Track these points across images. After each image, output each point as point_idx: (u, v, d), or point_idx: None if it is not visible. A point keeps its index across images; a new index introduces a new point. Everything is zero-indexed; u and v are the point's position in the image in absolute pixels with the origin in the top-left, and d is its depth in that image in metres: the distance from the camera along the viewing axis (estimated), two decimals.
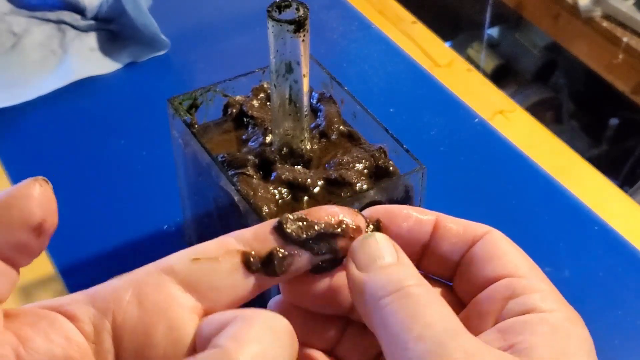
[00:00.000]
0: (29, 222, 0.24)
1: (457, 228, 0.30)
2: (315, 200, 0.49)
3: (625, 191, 1.01)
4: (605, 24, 1.19)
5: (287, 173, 0.50)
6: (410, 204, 0.51)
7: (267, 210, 0.48)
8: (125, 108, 0.77)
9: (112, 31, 0.84)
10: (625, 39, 1.16)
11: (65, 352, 0.25)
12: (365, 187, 0.49)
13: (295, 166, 0.51)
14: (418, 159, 0.50)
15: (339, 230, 0.29)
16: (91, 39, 0.83)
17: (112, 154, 0.72)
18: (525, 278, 0.28)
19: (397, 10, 0.92)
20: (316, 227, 0.29)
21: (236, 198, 0.48)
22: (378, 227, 0.30)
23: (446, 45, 0.89)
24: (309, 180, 0.50)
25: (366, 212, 0.31)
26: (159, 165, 0.70)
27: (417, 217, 0.31)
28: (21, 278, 0.65)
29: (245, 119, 0.55)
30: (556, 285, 0.67)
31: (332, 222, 0.29)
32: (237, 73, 0.57)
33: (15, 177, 0.70)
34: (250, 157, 0.51)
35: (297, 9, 0.46)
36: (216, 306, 0.27)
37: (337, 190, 0.49)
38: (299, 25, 0.45)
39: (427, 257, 0.31)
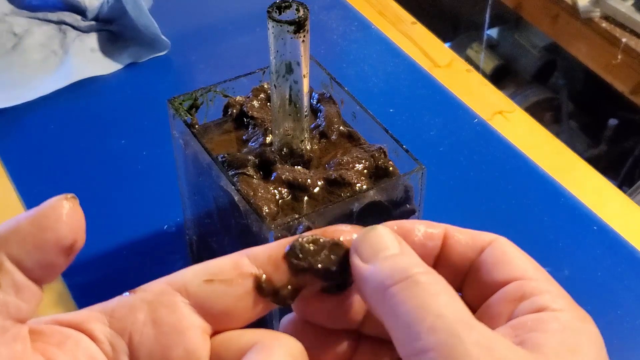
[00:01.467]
0: (61, 244, 0.25)
1: (465, 238, 0.31)
2: (315, 200, 0.50)
3: (624, 191, 1.01)
4: (604, 24, 1.19)
5: (287, 173, 0.50)
6: (410, 204, 0.51)
7: (267, 210, 0.48)
8: (125, 108, 0.77)
9: (113, 32, 0.84)
10: (624, 40, 1.16)
11: None
12: (365, 187, 0.50)
13: (296, 166, 0.51)
14: (418, 159, 0.50)
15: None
16: (92, 39, 0.83)
17: (112, 154, 0.72)
18: (534, 280, 0.29)
19: (397, 11, 0.92)
20: (327, 254, 0.28)
21: (236, 198, 0.48)
22: None
23: (446, 46, 0.89)
24: (309, 180, 0.50)
25: None
26: (160, 166, 0.70)
27: (427, 231, 0.31)
28: None
29: (245, 120, 0.55)
30: None
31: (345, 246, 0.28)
32: (237, 73, 0.57)
33: (17, 177, 0.70)
34: (250, 157, 0.51)
35: (297, 10, 0.46)
36: (225, 328, 0.27)
37: (337, 190, 0.50)
38: (299, 26, 0.46)
39: (437, 269, 0.31)
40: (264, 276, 0.27)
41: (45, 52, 0.82)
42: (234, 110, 0.56)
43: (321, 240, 0.28)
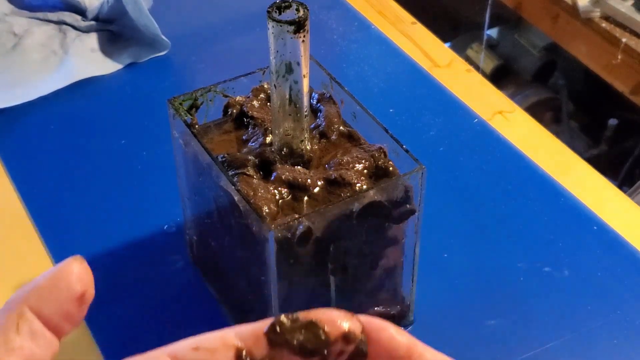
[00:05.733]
0: (73, 293, 0.29)
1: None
2: (315, 200, 0.50)
3: (624, 191, 1.01)
4: (604, 24, 1.19)
5: (287, 173, 0.50)
6: (410, 204, 0.51)
7: (267, 210, 0.48)
8: (125, 108, 0.77)
9: (113, 32, 0.84)
10: (624, 40, 1.16)
11: None
12: (365, 187, 0.50)
13: (295, 166, 0.51)
14: (418, 159, 0.50)
15: (327, 339, 0.30)
16: (92, 39, 0.83)
17: (112, 154, 0.72)
18: None
19: (397, 11, 0.92)
20: (305, 332, 0.30)
21: (236, 198, 0.48)
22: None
23: (446, 46, 0.89)
24: (309, 180, 0.50)
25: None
26: (159, 166, 0.70)
27: (394, 336, 0.31)
28: (23, 277, 0.65)
29: (245, 120, 0.55)
30: (555, 285, 0.68)
31: (326, 330, 0.30)
32: (237, 73, 0.57)
33: (17, 177, 0.70)
34: (250, 157, 0.51)
35: (297, 10, 0.46)
36: None
37: (337, 190, 0.50)
38: (299, 26, 0.46)
39: None
40: (244, 351, 0.30)
41: (45, 52, 0.82)
42: (234, 110, 0.56)
43: (300, 318, 0.30)
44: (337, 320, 0.30)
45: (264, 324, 0.30)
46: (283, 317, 0.30)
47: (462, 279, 0.61)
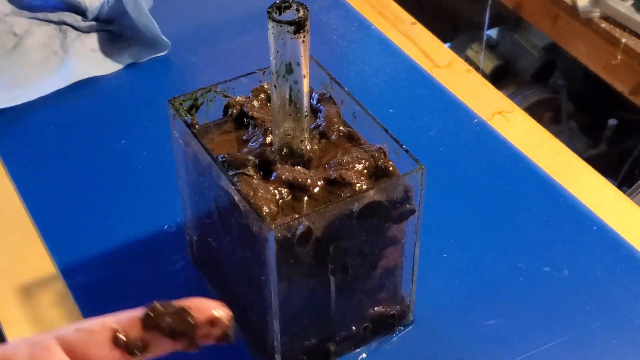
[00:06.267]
0: None
1: None
2: (315, 200, 0.50)
3: (624, 192, 1.01)
4: (604, 24, 1.19)
5: (287, 173, 0.50)
6: (409, 204, 0.51)
7: (267, 210, 0.48)
8: (126, 108, 0.77)
9: (113, 32, 0.84)
10: (623, 40, 1.16)
11: None
12: (365, 187, 0.50)
13: (296, 166, 0.51)
14: (417, 159, 0.50)
15: (194, 323, 0.34)
16: (92, 39, 0.83)
17: (112, 154, 0.72)
18: None
19: (397, 11, 0.92)
20: (175, 320, 0.34)
21: (236, 198, 0.48)
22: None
23: (445, 46, 0.89)
24: (309, 180, 0.50)
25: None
26: (160, 166, 0.70)
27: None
28: (23, 277, 0.65)
29: (245, 120, 0.55)
30: (555, 285, 0.68)
31: (195, 316, 0.34)
32: (237, 74, 0.57)
33: (17, 177, 0.70)
34: (250, 157, 0.51)
35: (297, 10, 0.46)
36: None
37: (337, 190, 0.50)
38: (299, 26, 0.46)
39: None
40: (120, 331, 0.34)
41: (46, 52, 0.82)
42: (234, 111, 0.56)
43: (173, 304, 0.34)
44: (206, 307, 0.34)
45: (141, 311, 0.34)
46: (156, 303, 0.34)
47: (462, 279, 0.61)
